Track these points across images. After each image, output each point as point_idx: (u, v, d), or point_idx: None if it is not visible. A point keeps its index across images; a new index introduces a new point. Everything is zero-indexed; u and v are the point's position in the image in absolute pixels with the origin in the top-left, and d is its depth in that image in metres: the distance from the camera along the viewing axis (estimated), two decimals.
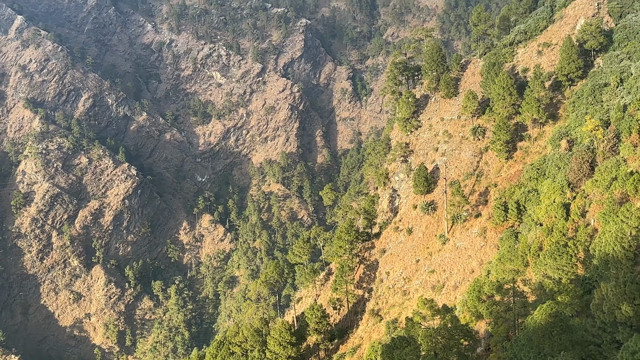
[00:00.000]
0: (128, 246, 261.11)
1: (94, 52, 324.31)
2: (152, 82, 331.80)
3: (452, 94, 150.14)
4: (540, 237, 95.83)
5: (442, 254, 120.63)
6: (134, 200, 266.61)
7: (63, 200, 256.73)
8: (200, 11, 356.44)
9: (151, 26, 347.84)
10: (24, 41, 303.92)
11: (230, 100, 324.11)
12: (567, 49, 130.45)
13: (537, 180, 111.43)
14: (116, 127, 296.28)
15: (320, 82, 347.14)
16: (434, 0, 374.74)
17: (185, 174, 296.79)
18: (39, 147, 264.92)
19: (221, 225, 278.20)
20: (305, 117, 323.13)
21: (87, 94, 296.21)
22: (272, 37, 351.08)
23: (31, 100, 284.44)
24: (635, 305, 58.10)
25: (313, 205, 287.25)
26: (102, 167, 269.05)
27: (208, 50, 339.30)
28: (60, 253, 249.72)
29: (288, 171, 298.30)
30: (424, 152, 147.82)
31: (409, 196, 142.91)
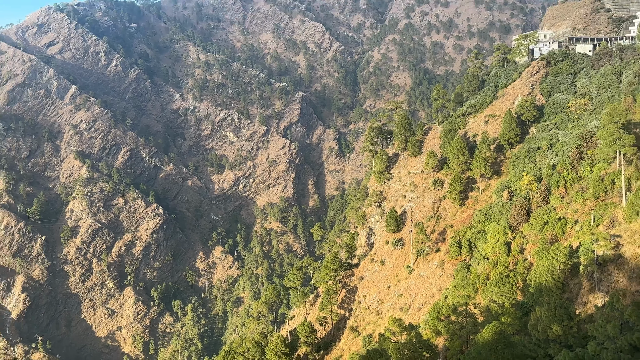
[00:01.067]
0: (154, 271, 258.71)
1: (132, 115, 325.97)
2: (178, 139, 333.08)
3: (417, 153, 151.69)
4: (487, 269, 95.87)
5: (409, 282, 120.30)
6: (160, 234, 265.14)
7: (102, 233, 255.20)
8: (219, 84, 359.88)
9: (179, 95, 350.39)
10: (77, 105, 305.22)
11: (240, 155, 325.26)
12: (507, 119, 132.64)
13: (484, 223, 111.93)
14: (148, 175, 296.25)
15: (313, 142, 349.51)
16: (403, 79, 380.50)
17: (202, 213, 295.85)
18: (85, 190, 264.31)
19: (230, 255, 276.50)
20: (300, 169, 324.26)
21: (126, 148, 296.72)
22: (275, 106, 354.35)
23: (80, 152, 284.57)
24: (563, 326, 57.84)
25: (305, 240, 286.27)
26: (135, 207, 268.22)
27: (224, 115, 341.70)
28: (99, 276, 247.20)
29: (285, 212, 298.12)
30: (395, 198, 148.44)
31: (382, 234, 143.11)
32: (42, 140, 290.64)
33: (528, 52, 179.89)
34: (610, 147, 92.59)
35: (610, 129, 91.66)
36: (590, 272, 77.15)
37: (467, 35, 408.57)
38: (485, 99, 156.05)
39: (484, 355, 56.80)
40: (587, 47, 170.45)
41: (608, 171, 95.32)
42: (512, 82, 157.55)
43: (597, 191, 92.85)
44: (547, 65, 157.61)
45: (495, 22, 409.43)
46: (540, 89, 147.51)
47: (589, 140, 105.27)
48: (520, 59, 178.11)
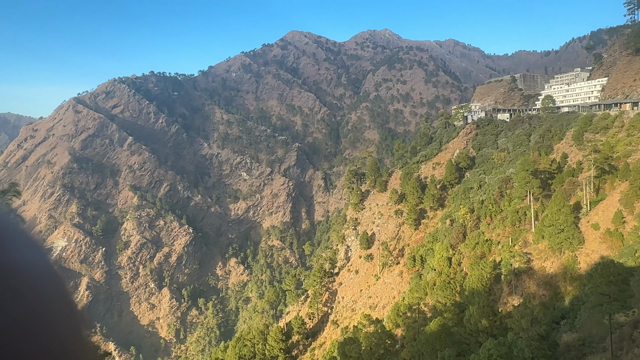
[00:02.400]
0: (185, 276, 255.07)
1: (172, 159, 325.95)
2: (205, 177, 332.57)
3: (383, 190, 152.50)
4: (434, 277, 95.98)
5: (376, 287, 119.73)
6: (190, 248, 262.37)
7: (147, 246, 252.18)
8: (236, 137, 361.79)
9: (207, 145, 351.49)
10: (132, 151, 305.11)
11: (251, 189, 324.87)
12: (449, 166, 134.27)
13: (432, 242, 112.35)
14: (182, 203, 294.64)
15: (305, 180, 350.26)
16: (373, 135, 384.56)
17: (222, 233, 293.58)
18: (135, 214, 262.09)
19: (242, 265, 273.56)
20: (296, 201, 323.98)
21: (166, 183, 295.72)
22: (277, 153, 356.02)
23: (133, 186, 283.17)
24: (490, 320, 58.03)
25: (298, 254, 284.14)
26: (171, 227, 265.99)
27: (239, 159, 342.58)
28: (144, 279, 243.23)
29: (284, 233, 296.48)
30: (366, 223, 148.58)
31: (357, 250, 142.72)
32: (105, 176, 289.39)
33: (463, 118, 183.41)
34: (523, 187, 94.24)
35: (523, 175, 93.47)
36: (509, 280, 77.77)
37: (420, 104, 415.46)
38: (433, 151, 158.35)
39: (430, 342, 56.81)
40: (505, 115, 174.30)
41: (521, 205, 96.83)
42: (452, 139, 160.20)
43: (513, 220, 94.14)
44: (477, 127, 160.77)
45: (440, 96, 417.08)
46: (472, 144, 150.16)
47: (507, 182, 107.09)
48: (458, 123, 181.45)
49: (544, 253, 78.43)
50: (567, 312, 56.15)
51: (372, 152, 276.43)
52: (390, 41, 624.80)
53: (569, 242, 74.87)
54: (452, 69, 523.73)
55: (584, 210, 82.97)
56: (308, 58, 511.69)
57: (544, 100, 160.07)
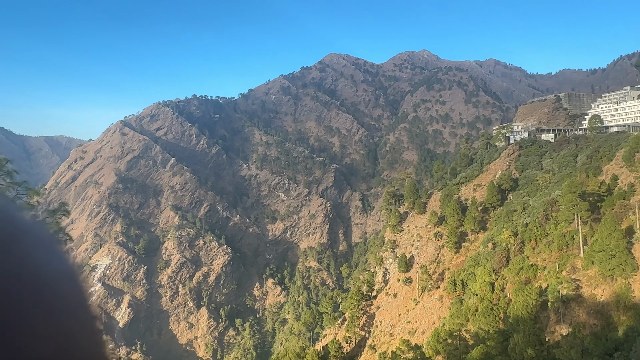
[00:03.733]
0: (222, 296, 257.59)
1: (212, 179, 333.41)
2: (243, 197, 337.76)
3: (422, 212, 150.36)
4: (476, 303, 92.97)
5: (415, 311, 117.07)
6: (228, 268, 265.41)
7: (187, 265, 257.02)
8: (275, 158, 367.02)
9: (246, 166, 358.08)
10: (174, 172, 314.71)
11: (288, 210, 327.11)
12: (491, 188, 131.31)
13: (474, 267, 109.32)
14: (221, 223, 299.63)
15: (343, 201, 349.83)
16: (412, 156, 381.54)
17: (259, 253, 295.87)
18: (176, 234, 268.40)
19: (279, 286, 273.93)
20: (333, 222, 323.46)
21: (206, 203, 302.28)
22: (315, 174, 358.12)
23: (174, 206, 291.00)
24: (536, 350, 55.64)
25: (335, 276, 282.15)
26: (211, 247, 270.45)
27: (277, 180, 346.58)
28: (183, 298, 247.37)
29: (321, 254, 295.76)
30: (405, 246, 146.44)
31: (395, 273, 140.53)
32: (148, 196, 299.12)
33: (505, 139, 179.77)
34: (570, 210, 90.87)
35: (570, 197, 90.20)
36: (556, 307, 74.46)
37: (459, 125, 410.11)
38: (474, 173, 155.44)
39: None
40: (550, 136, 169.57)
41: (569, 229, 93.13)
42: (494, 160, 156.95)
43: (560, 244, 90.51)
44: (519, 148, 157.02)
45: (480, 116, 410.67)
46: (515, 166, 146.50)
47: (553, 205, 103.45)
48: (500, 144, 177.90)
49: (594, 280, 74.81)
50: (621, 344, 53.07)
51: (410, 173, 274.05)
52: (428, 62, 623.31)
53: (622, 268, 71.18)
54: (493, 89, 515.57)
55: (637, 235, 78.83)
56: (346, 80, 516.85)
57: (591, 120, 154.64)
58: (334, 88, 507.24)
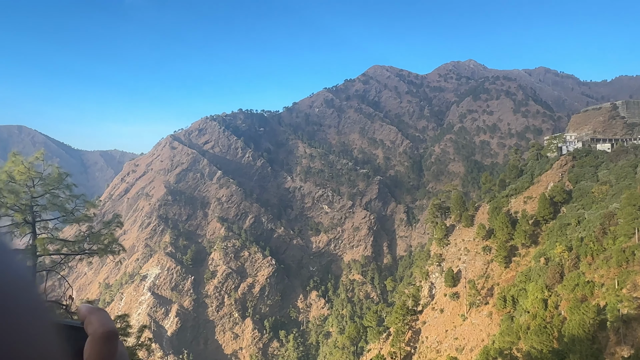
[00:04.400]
0: (267, 307, 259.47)
1: (257, 192, 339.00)
2: (287, 210, 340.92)
3: (469, 225, 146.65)
4: (528, 320, 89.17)
5: (463, 327, 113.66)
6: (272, 279, 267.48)
7: (232, 276, 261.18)
8: (318, 170, 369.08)
9: (290, 178, 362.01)
10: (220, 184, 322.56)
11: (332, 222, 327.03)
12: (542, 200, 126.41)
13: (525, 282, 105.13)
14: (265, 235, 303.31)
15: (387, 214, 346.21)
16: (458, 168, 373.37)
17: (303, 265, 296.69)
18: (222, 245, 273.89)
19: (322, 299, 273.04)
20: (377, 235, 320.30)
21: (251, 215, 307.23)
22: (359, 186, 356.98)
23: (221, 217, 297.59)
24: None
25: (380, 290, 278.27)
26: (255, 258, 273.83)
27: (321, 192, 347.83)
28: (228, 308, 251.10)
29: (365, 267, 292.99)
30: (451, 260, 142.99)
31: (441, 288, 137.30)
32: (196, 208, 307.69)
33: (557, 149, 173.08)
34: (629, 224, 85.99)
35: (629, 210, 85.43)
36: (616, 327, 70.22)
37: (508, 135, 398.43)
38: (524, 184, 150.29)
39: None
40: (606, 146, 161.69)
41: (628, 244, 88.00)
42: (545, 172, 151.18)
43: (619, 260, 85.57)
44: (573, 159, 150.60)
45: (530, 126, 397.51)
46: (568, 177, 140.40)
47: (611, 218, 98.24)
48: (551, 154, 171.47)
49: None
50: None
51: (457, 185, 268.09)
52: (475, 72, 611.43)
53: None
54: (544, 98, 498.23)
55: None
56: (390, 91, 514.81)
57: None
58: (378, 100, 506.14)
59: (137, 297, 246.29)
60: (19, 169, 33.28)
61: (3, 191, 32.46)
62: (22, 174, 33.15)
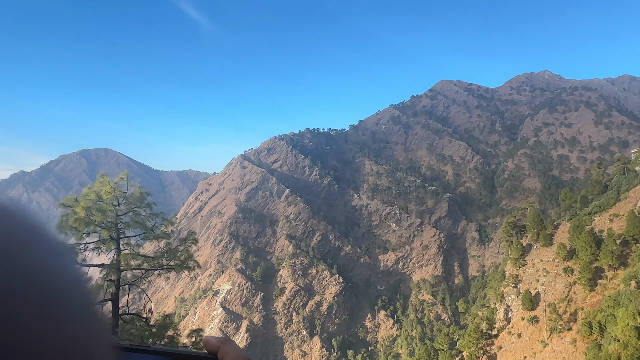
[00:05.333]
0: (334, 325, 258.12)
1: (324, 209, 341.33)
2: (355, 227, 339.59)
3: (548, 244, 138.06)
4: (618, 349, 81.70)
5: (543, 354, 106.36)
6: (340, 297, 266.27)
7: (300, 294, 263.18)
8: (385, 187, 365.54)
9: (357, 196, 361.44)
10: (288, 202, 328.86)
11: (400, 240, 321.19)
12: (631, 218, 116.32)
13: (613, 307, 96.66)
14: (333, 253, 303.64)
15: (458, 232, 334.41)
16: (534, 184, 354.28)
17: (371, 284, 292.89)
18: (290, 262, 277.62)
19: (391, 319, 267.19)
20: (447, 254, 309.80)
21: (319, 233, 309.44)
22: (427, 203, 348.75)
23: (289, 235, 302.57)
24: None
25: (451, 311, 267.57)
26: (323, 276, 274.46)
27: (388, 210, 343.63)
28: (296, 325, 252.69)
29: (435, 287, 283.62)
30: (529, 281, 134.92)
31: (518, 311, 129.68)
32: (265, 225, 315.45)
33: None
34: None
35: None
36: None
37: (589, 149, 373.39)
38: (609, 201, 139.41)
39: None
40: None
41: None
42: (634, 187, 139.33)
43: None
44: None
45: (614, 138, 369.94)
46: None
47: None
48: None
49: None
50: None
51: (533, 202, 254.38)
52: (550, 83, 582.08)
53: None
54: (629, 108, 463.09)
55: None
56: (458, 106, 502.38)
57: None
58: (446, 115, 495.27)
59: (210, 311, 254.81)
60: (106, 189, 35.96)
61: (92, 209, 35.17)
62: (108, 193, 35.78)
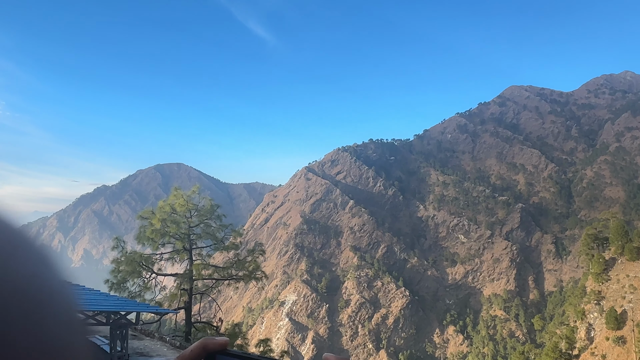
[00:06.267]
0: (401, 340, 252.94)
1: (389, 221, 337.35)
2: (421, 239, 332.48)
3: (635, 258, 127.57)
4: None
5: None
6: (406, 311, 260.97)
7: (366, 306, 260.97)
8: (452, 198, 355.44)
9: (422, 207, 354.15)
10: (352, 214, 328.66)
11: (469, 253, 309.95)
12: None
13: None
14: (398, 265, 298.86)
15: (532, 245, 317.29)
16: (617, 193, 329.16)
17: (439, 298, 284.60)
18: (355, 274, 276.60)
19: (461, 334, 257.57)
20: (521, 267, 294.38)
21: (383, 244, 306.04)
22: (498, 214, 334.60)
23: (353, 246, 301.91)
24: None
25: (526, 328, 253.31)
26: (388, 289, 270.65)
27: (456, 221, 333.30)
28: (362, 338, 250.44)
29: (508, 302, 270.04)
30: (614, 298, 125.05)
31: (602, 330, 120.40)
32: (329, 237, 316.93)
33: None
34: None
35: None
36: None
37: None
38: None
39: None
40: None
41: None
42: None
43: None
44: None
45: None
46: None
47: None
48: None
49: None
50: None
51: (616, 212, 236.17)
52: (632, 84, 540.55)
53: None
54: None
55: None
56: (530, 112, 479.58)
57: None
58: (516, 122, 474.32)
59: (276, 322, 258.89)
60: (180, 202, 38.02)
61: (167, 221, 37.29)
62: (182, 206, 37.81)
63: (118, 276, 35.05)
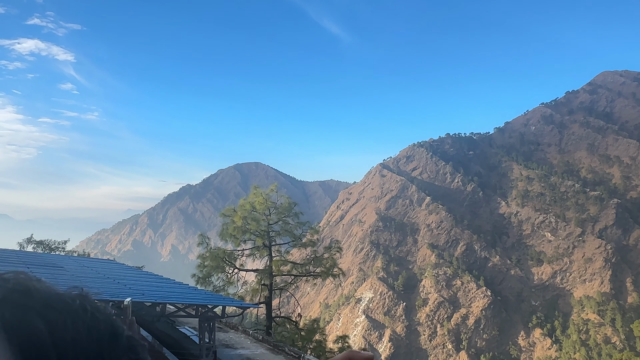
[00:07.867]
0: (483, 341, 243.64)
1: (468, 218, 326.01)
2: (503, 237, 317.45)
3: None
4: None
5: None
6: (488, 312, 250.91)
7: (444, 305, 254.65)
8: (537, 194, 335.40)
9: (504, 203, 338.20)
10: (429, 211, 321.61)
11: (557, 252, 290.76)
12: None
13: None
14: (479, 264, 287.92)
15: (630, 244, 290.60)
16: None
17: (523, 299, 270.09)
18: (433, 272, 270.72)
19: (549, 338, 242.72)
20: (616, 268, 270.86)
21: (462, 242, 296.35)
22: (589, 211, 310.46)
23: (431, 244, 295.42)
24: None
25: (624, 334, 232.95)
26: (469, 288, 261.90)
27: (542, 218, 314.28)
28: (441, 338, 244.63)
29: (602, 306, 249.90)
30: None
31: None
32: (405, 234, 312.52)
33: None
34: None
35: None
36: None
37: None
38: None
39: None
40: None
41: None
42: None
43: None
44: None
45: None
46: None
47: None
48: None
49: None
50: None
51: None
52: None
53: None
54: None
55: None
56: (626, 100, 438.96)
57: None
58: (610, 111, 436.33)
59: (353, 318, 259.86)
60: (259, 200, 39.50)
61: (247, 219, 38.89)
62: (261, 204, 39.25)
63: (203, 271, 37.13)
